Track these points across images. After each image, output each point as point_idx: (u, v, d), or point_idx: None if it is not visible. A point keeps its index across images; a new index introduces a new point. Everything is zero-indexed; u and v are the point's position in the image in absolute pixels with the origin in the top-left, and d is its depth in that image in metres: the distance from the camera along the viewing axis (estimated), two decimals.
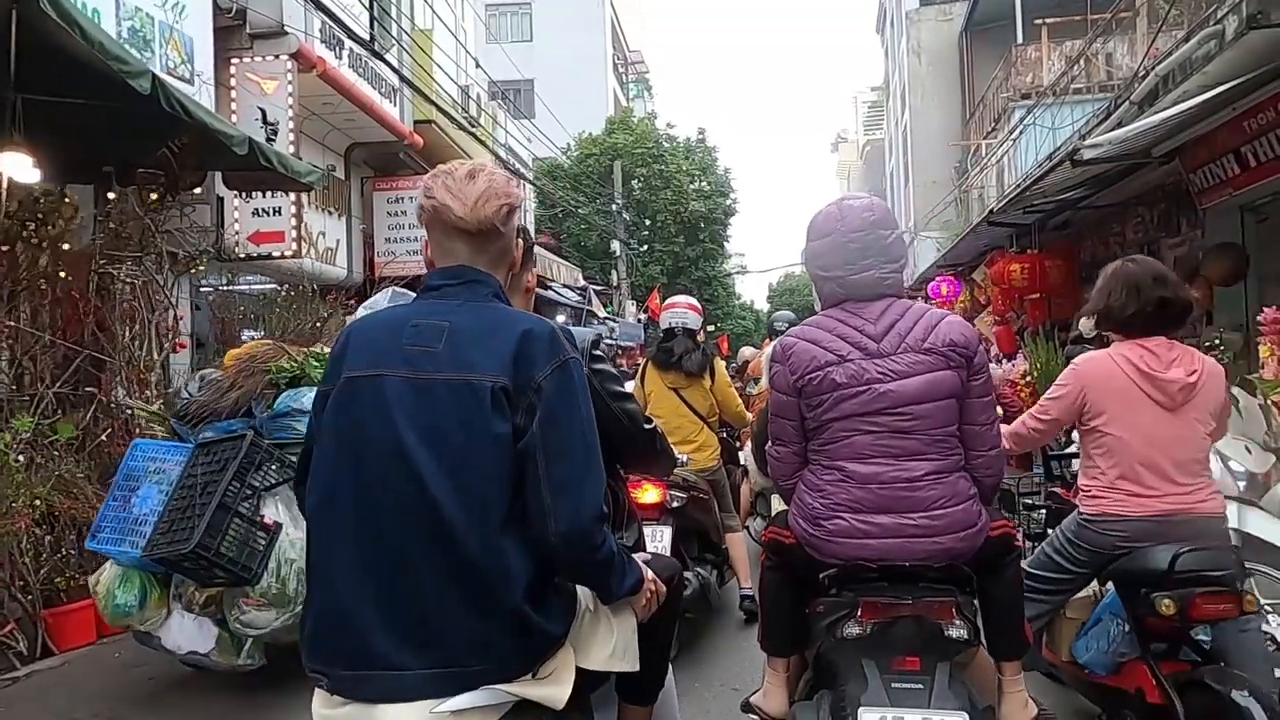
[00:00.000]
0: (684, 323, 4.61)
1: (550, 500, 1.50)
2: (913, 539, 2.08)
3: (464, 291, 1.60)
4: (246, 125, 7.90)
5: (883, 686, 2.00)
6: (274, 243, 8.08)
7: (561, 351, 1.56)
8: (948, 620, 2.07)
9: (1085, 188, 8.30)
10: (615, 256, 21.98)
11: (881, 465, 2.10)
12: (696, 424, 4.51)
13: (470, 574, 1.47)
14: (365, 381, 1.54)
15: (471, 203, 1.59)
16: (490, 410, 1.49)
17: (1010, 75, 15.17)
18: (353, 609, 1.48)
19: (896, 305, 2.19)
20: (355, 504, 1.51)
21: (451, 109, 12.46)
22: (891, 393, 2.09)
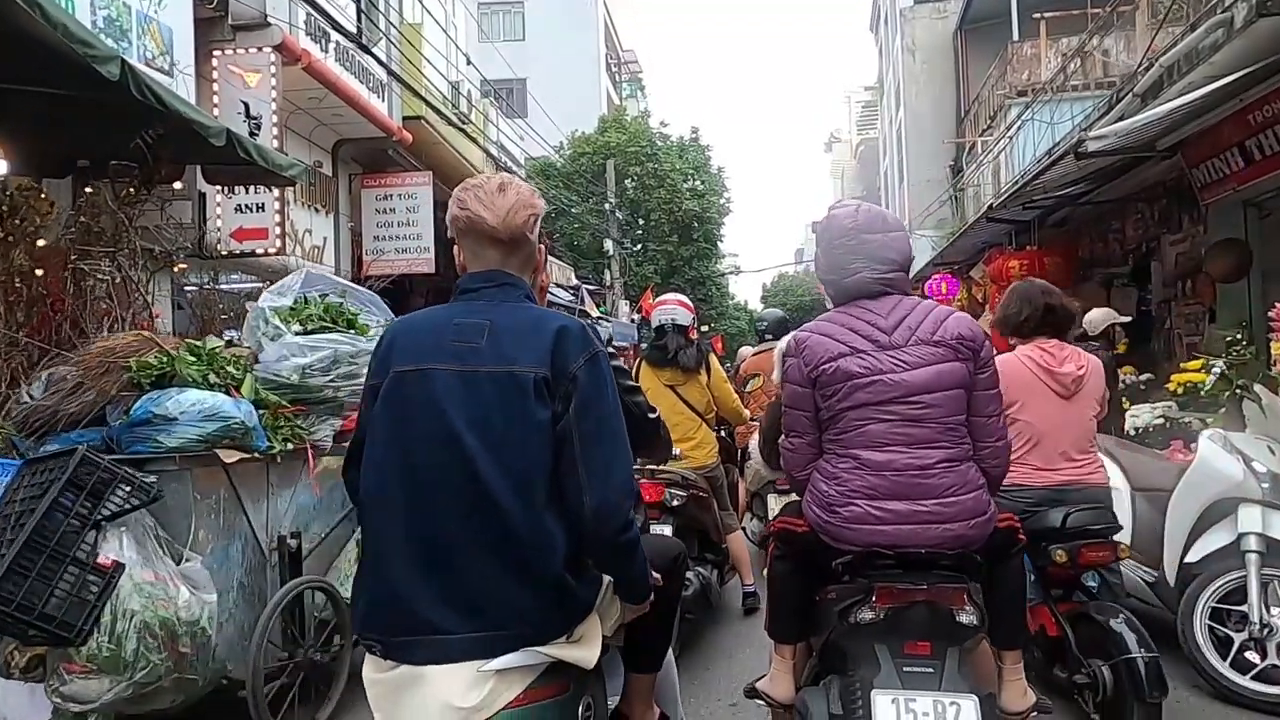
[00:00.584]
0: (674, 319, 4.54)
1: (586, 478, 1.63)
2: (926, 525, 2.14)
3: (499, 293, 1.74)
4: (229, 119, 7.70)
5: (895, 670, 2.07)
6: (257, 239, 7.89)
7: (592, 345, 1.70)
8: (959, 606, 2.11)
9: (1086, 183, 8.17)
10: (609, 256, 21.79)
11: (895, 453, 2.17)
12: (694, 421, 4.45)
13: (514, 546, 1.61)
14: (414, 375, 1.68)
15: (503, 214, 1.73)
16: (533, 399, 1.62)
17: (1006, 72, 15.06)
18: (404, 583, 1.62)
19: (906, 302, 2.28)
20: (406, 487, 1.65)
21: (442, 105, 12.27)
22: (904, 382, 2.17)
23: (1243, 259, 7.24)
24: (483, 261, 1.78)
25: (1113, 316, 5.62)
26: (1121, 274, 9.87)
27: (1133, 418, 5.46)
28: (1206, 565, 3.27)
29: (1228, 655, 3.14)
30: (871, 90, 35.44)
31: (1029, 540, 2.58)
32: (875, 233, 2.30)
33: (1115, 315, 5.68)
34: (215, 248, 7.79)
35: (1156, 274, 9.03)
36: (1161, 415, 5.47)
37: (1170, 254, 8.68)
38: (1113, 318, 5.61)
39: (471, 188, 1.78)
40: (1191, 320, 8.13)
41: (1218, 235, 7.47)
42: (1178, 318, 8.46)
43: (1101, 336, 5.53)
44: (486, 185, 1.77)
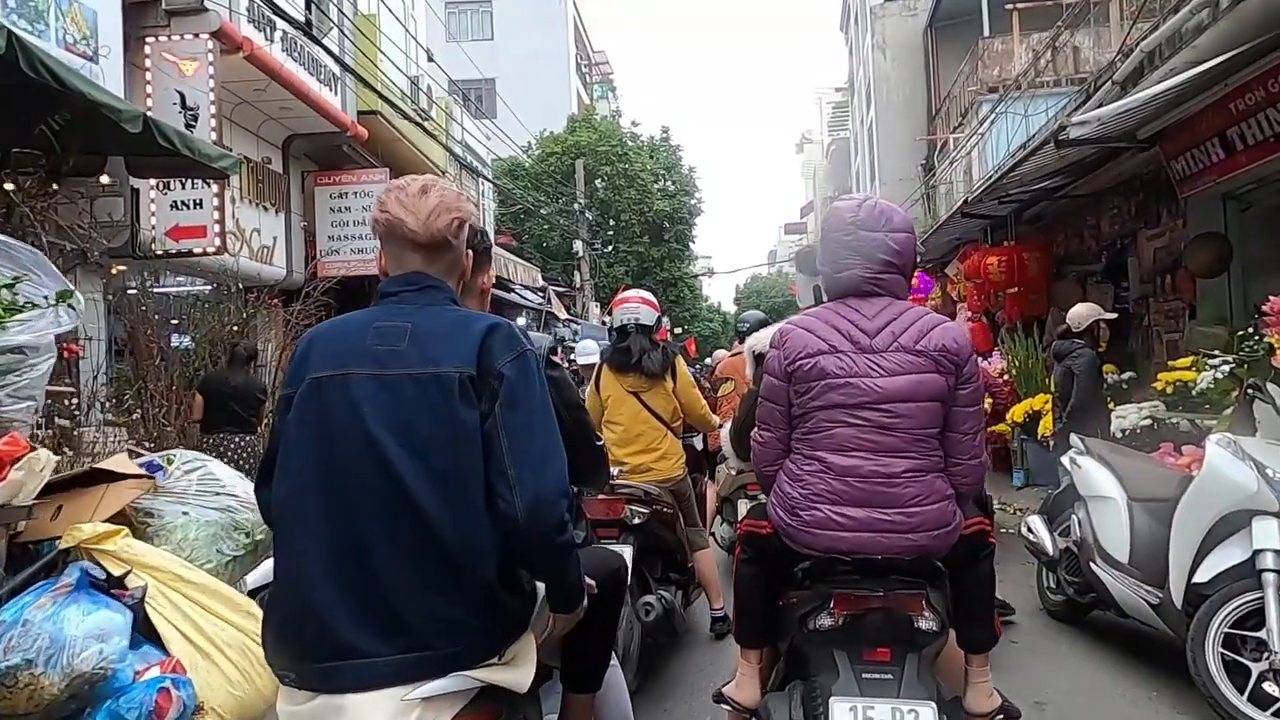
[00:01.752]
0: (636, 318, 4.16)
1: (516, 474, 1.56)
2: (886, 534, 2.10)
3: (421, 297, 1.68)
4: (164, 110, 7.25)
5: (853, 677, 2.05)
6: (194, 238, 7.42)
7: (520, 344, 1.65)
8: (918, 612, 2.09)
9: (1062, 176, 7.94)
10: (578, 257, 21.40)
11: (861, 459, 2.12)
12: (659, 430, 4.12)
13: (441, 555, 1.53)
14: (331, 381, 1.61)
15: (424, 217, 1.67)
16: (458, 399, 1.57)
17: (977, 68, 14.89)
18: (321, 603, 1.52)
19: (895, 305, 2.20)
20: (324, 499, 1.56)
21: (400, 101, 11.84)
22: (878, 388, 2.12)
23: (1223, 253, 7.03)
24: (404, 265, 1.72)
25: (1098, 312, 5.36)
26: (1095, 271, 9.68)
27: (1118, 419, 5.21)
28: (1218, 586, 2.89)
29: (1244, 688, 2.79)
30: (842, 91, 35.38)
31: None
32: (875, 230, 2.21)
33: (1100, 311, 5.41)
34: (149, 247, 7.31)
35: (1134, 270, 8.82)
36: (1149, 416, 5.21)
37: (1148, 249, 8.47)
38: (1098, 314, 5.35)
39: (394, 189, 1.72)
40: (1171, 316, 7.92)
41: (1197, 229, 7.26)
42: (1156, 314, 8.25)
43: (1086, 333, 5.25)
44: (409, 187, 1.71)
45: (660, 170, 24.93)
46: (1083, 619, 4.08)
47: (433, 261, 1.72)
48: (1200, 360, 4.99)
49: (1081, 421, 4.96)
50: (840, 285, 2.25)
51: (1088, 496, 3.68)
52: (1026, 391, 7.88)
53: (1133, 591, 3.27)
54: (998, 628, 2.38)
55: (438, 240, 1.70)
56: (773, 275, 52.92)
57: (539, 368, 1.69)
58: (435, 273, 1.72)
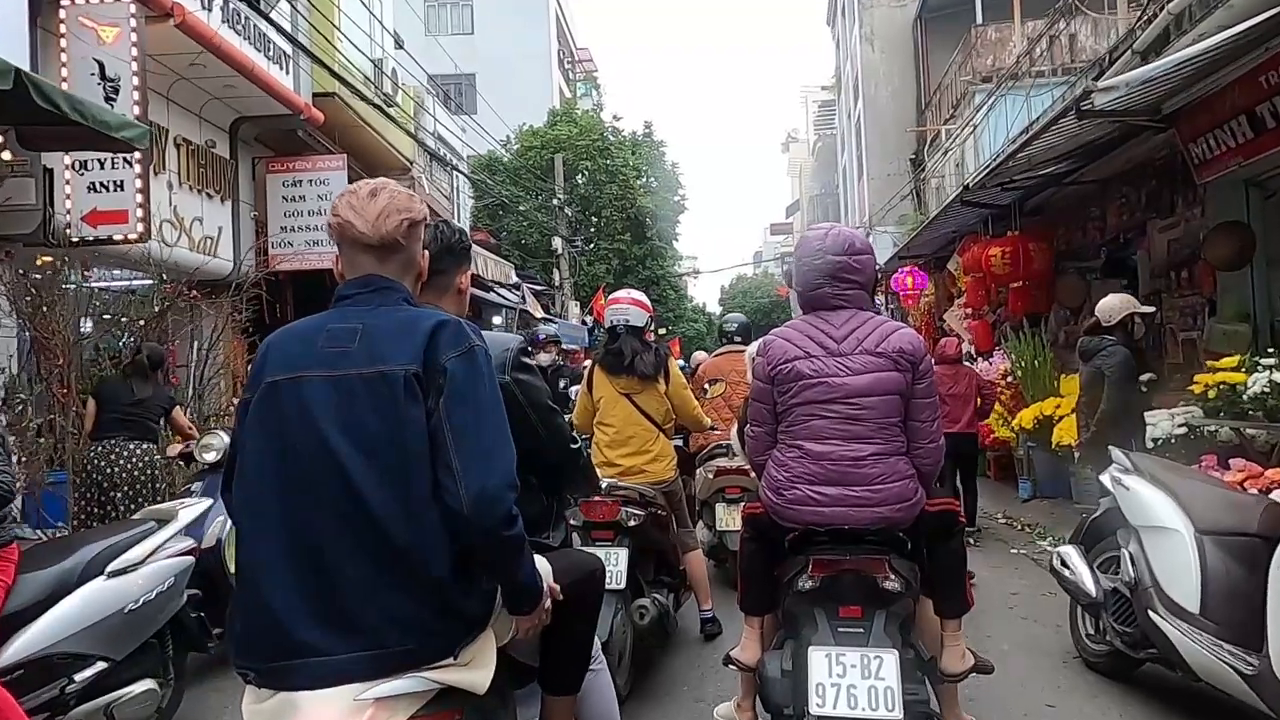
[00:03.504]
0: (626, 319, 4.12)
1: (461, 466, 1.58)
2: (855, 507, 2.46)
3: (375, 298, 1.72)
4: (81, 81, 6.51)
5: (830, 630, 2.41)
6: (115, 224, 6.66)
7: (468, 340, 1.68)
8: (882, 574, 2.40)
9: (1071, 160, 7.32)
10: (557, 254, 20.68)
11: (833, 445, 2.49)
12: (651, 432, 4.09)
13: (393, 552, 1.56)
14: (285, 384, 1.65)
15: (373, 219, 1.72)
16: (405, 397, 1.60)
17: (970, 57, 14.31)
18: (280, 603, 1.55)
19: (859, 315, 2.59)
20: (281, 500, 1.61)
21: (363, 86, 11.10)
22: (845, 385, 2.49)
23: (1245, 244, 6.43)
24: (358, 268, 1.76)
25: (1131, 304, 4.71)
26: (1093, 268, 9.07)
27: (1150, 426, 4.56)
28: None
29: None
30: (829, 88, 34.87)
31: None
32: (839, 254, 2.60)
33: (1134, 303, 4.76)
34: (64, 233, 6.54)
35: (1144, 264, 8.21)
36: (1184, 423, 4.58)
37: (1160, 241, 7.86)
38: (1132, 306, 4.70)
39: (346, 194, 1.77)
40: (1188, 313, 7.31)
41: (1217, 218, 6.66)
42: (1170, 311, 7.63)
43: (1118, 329, 4.61)
44: (360, 190, 1.76)
45: (643, 166, 24.26)
46: (1130, 674, 3.37)
47: (385, 262, 1.75)
48: (1249, 359, 4.35)
49: (1113, 430, 4.32)
50: (812, 300, 2.64)
51: (1141, 526, 3.01)
52: (1033, 395, 7.23)
53: (1210, 652, 2.60)
54: (970, 596, 2.66)
55: (388, 241, 1.73)
56: (758, 276, 52.48)
57: (488, 364, 1.70)
58: (388, 274, 1.75)
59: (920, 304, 11.69)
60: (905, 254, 11.91)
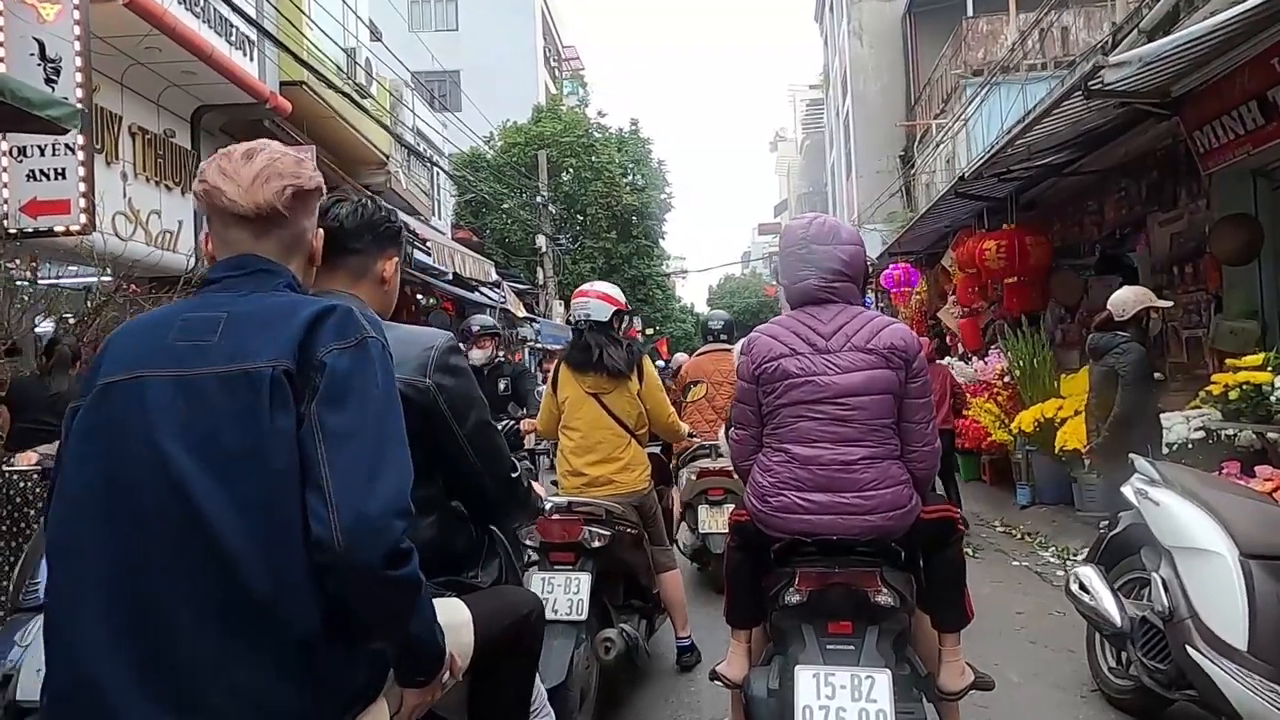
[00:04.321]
0: (586, 314, 3.72)
1: (332, 486, 1.23)
2: (845, 515, 2.31)
3: (250, 282, 1.41)
4: (20, 62, 6.09)
5: (818, 647, 2.26)
6: (56, 214, 6.25)
7: (358, 330, 1.36)
8: (873, 588, 2.26)
9: (1070, 149, 7.00)
10: (541, 253, 20.25)
11: (822, 448, 2.34)
12: (621, 437, 3.68)
13: (249, 606, 1.22)
14: (122, 387, 1.32)
15: (247, 184, 1.42)
16: (270, 401, 1.27)
17: (960, 50, 14.00)
18: (101, 674, 1.20)
19: (848, 310, 2.45)
20: (106, 538, 1.25)
21: (335, 76, 10.69)
22: (834, 384, 2.35)
23: (1253, 237, 6.13)
24: (231, 246, 1.43)
25: (1147, 298, 4.36)
26: (1086, 265, 8.74)
27: (1165, 430, 4.21)
28: None
29: None
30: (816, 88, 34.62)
31: None
32: (825, 244, 2.45)
33: (1150, 296, 4.40)
34: (0, 225, 6.11)
35: (1143, 260, 7.89)
36: (1201, 427, 4.24)
37: (1161, 235, 7.53)
38: (1147, 299, 4.34)
39: (218, 156, 1.45)
40: (1192, 310, 6.97)
41: (1223, 210, 6.34)
42: (1173, 308, 7.29)
43: (1131, 324, 4.26)
44: (233, 152, 1.44)
45: (629, 163, 23.87)
46: (1160, 713, 2.98)
47: (263, 238, 1.44)
48: (1275, 358, 4.01)
49: (1127, 435, 3.97)
50: (798, 294, 2.49)
51: (1174, 548, 2.64)
52: (1032, 396, 6.88)
53: (1264, 698, 2.24)
54: (969, 609, 2.47)
55: (265, 212, 1.42)
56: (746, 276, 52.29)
57: (384, 361, 1.38)
58: (268, 253, 1.44)
59: (912, 301, 11.37)
60: (896, 250, 11.58)
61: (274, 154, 1.46)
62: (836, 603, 2.28)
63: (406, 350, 1.67)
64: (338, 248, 1.73)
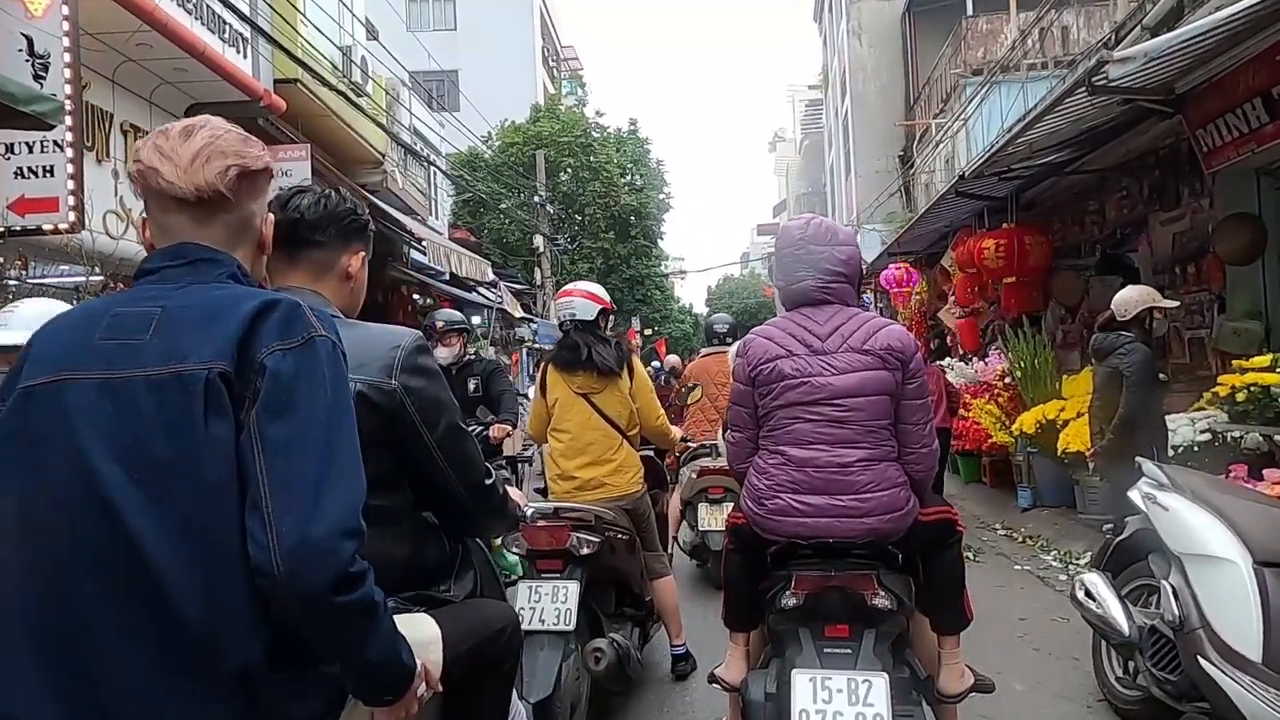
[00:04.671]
0: (571, 314, 3.66)
1: (271, 506, 1.13)
2: (841, 518, 2.29)
3: (189, 273, 1.29)
4: (8, 59, 5.99)
5: (815, 651, 2.25)
6: (44, 213, 6.14)
7: (305, 328, 1.24)
8: (870, 591, 2.25)
9: (1071, 148, 6.92)
10: (538, 253, 20.15)
11: (818, 450, 2.33)
12: (613, 438, 3.59)
13: (182, 634, 1.12)
14: (44, 391, 1.20)
15: (186, 164, 1.30)
16: (205, 406, 1.16)
17: (960, 49, 13.93)
18: (22, 707, 1.11)
19: (845, 311, 2.44)
20: (24, 553, 1.15)
21: (330, 75, 10.60)
22: (830, 385, 2.34)
23: (1257, 237, 6.08)
24: (170, 233, 1.31)
25: (1151, 297, 4.28)
26: (1086, 265, 8.66)
27: (1170, 433, 4.13)
28: None
29: None
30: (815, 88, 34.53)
31: None
32: (822, 244, 2.45)
33: (1155, 295, 4.32)
34: None
35: (1145, 260, 7.81)
36: (1207, 429, 4.16)
37: (1163, 235, 7.47)
38: (1151, 299, 4.26)
39: (156, 134, 1.34)
40: (1194, 310, 6.91)
41: (1227, 210, 6.27)
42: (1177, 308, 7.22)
43: (1134, 324, 4.18)
44: (171, 129, 1.34)
45: (627, 163, 23.77)
46: None
47: (204, 225, 1.32)
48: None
49: (1132, 437, 3.89)
50: (794, 296, 2.47)
51: (1184, 554, 2.56)
52: (1034, 397, 6.80)
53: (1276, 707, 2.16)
54: (969, 611, 2.45)
55: (206, 194, 1.30)
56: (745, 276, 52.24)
57: (334, 363, 1.25)
58: (210, 240, 1.32)
59: (911, 302, 11.29)
60: (896, 250, 11.51)
61: (216, 131, 1.36)
62: (833, 606, 2.26)
63: (370, 350, 1.58)
64: (299, 241, 1.65)
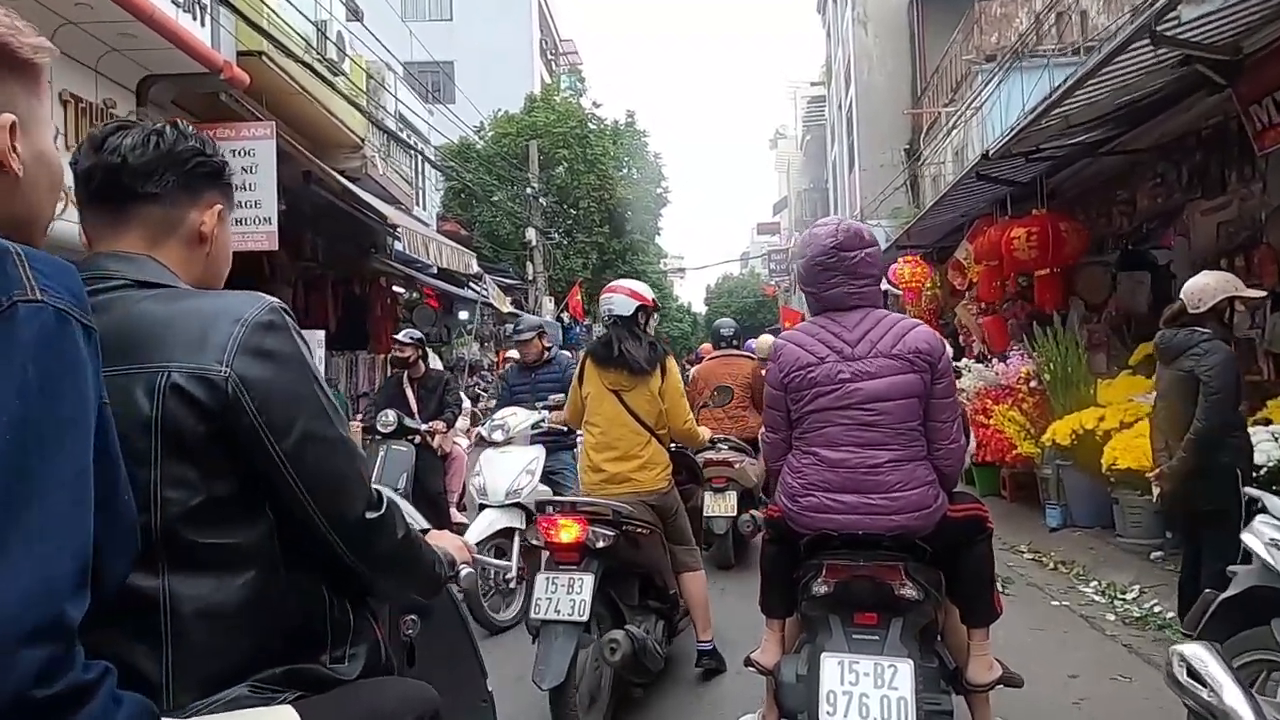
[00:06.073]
0: (610, 309, 3.76)
1: None
2: (872, 515, 2.40)
3: None
4: None
5: (844, 636, 2.36)
6: None
7: (7, 287, 0.86)
8: (897, 581, 2.35)
9: (1106, 126, 6.23)
10: (531, 247, 19.44)
11: (849, 452, 2.44)
12: (640, 435, 3.65)
13: None
14: None
15: None
16: None
17: (973, 34, 13.24)
18: None
19: (873, 315, 2.51)
20: None
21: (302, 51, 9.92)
22: (860, 390, 2.43)
23: None
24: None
25: (1232, 285, 3.58)
26: (1107, 262, 7.96)
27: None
28: None
29: None
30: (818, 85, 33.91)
31: None
32: (852, 250, 2.50)
33: (1238, 284, 3.62)
34: None
35: (1181, 253, 7.12)
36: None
37: (1205, 225, 6.78)
38: (1233, 287, 3.56)
39: None
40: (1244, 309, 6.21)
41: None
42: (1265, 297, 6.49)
43: (1211, 316, 3.49)
44: None
45: (624, 156, 23.09)
46: None
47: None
48: None
49: (1211, 455, 3.21)
50: (826, 300, 2.55)
51: None
52: (1064, 403, 6.09)
53: None
54: (998, 605, 2.56)
55: None
56: (744, 275, 51.70)
57: (48, 345, 0.86)
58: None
59: (922, 298, 10.60)
60: (905, 244, 10.81)
61: None
62: (862, 594, 2.37)
63: (203, 327, 1.18)
64: (124, 193, 1.28)
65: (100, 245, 1.29)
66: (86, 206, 1.27)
